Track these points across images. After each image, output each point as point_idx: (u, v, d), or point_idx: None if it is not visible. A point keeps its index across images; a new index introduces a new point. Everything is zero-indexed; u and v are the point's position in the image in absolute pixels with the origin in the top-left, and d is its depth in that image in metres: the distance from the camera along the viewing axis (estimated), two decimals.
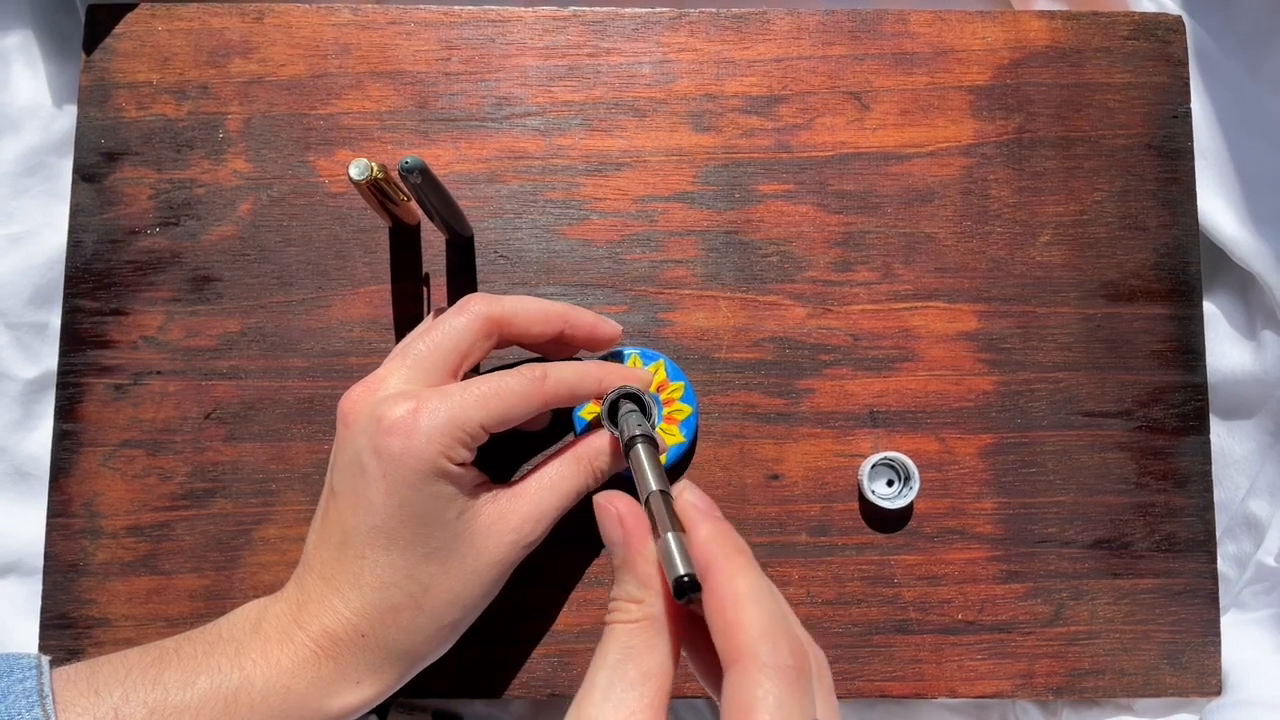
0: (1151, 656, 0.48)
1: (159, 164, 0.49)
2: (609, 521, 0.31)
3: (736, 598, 0.26)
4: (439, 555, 0.36)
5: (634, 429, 0.38)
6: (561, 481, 0.40)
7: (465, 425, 0.35)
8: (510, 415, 0.37)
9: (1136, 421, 0.49)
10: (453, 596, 0.37)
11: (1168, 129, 0.51)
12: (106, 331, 0.48)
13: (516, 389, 0.37)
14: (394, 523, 0.35)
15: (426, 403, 0.35)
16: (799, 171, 0.50)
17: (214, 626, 0.37)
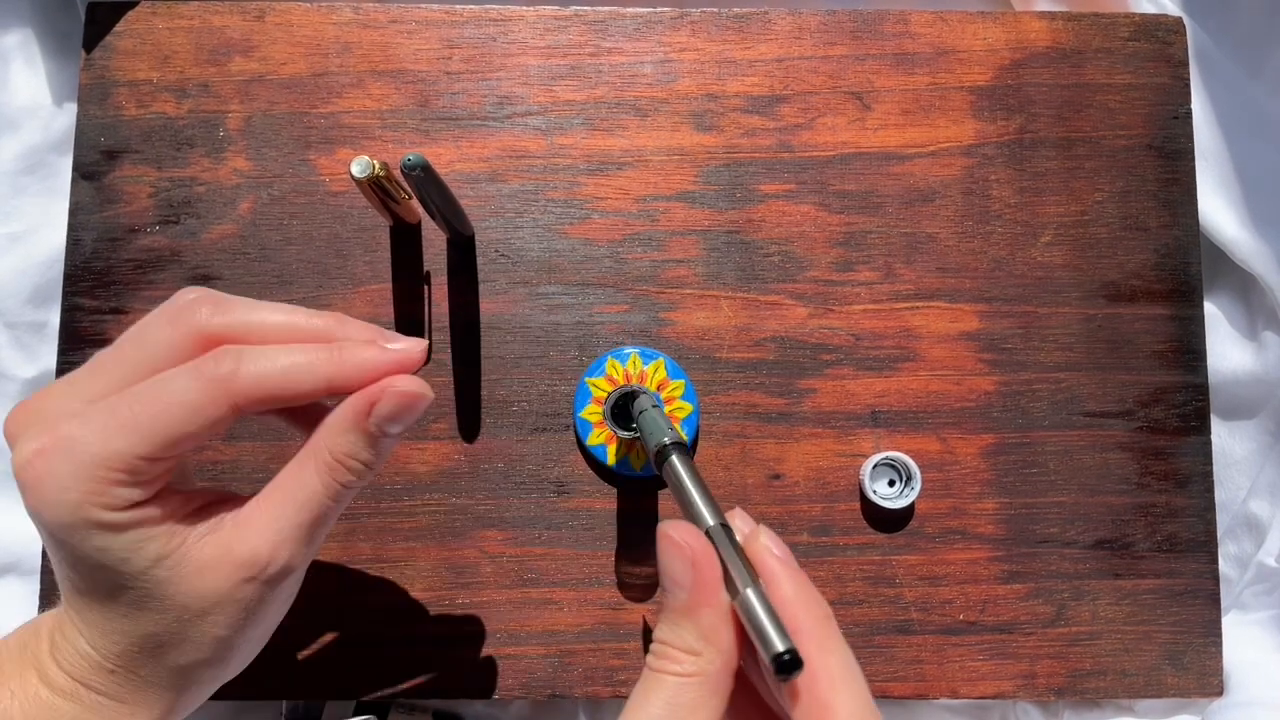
0: (1153, 657, 0.48)
1: (159, 162, 0.49)
2: (679, 562, 0.26)
3: (831, 678, 0.24)
4: (147, 607, 0.29)
5: (664, 433, 0.33)
6: (299, 490, 0.30)
7: (111, 462, 0.27)
8: (179, 435, 0.28)
9: (1138, 422, 0.49)
10: (190, 644, 0.30)
11: (1168, 130, 0.51)
12: (106, 330, 0.48)
13: (183, 398, 0.27)
14: (80, 580, 0.29)
15: (59, 438, 0.27)
16: (800, 171, 0.50)
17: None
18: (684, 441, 0.32)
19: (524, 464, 0.47)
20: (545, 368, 0.48)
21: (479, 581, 0.47)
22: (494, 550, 0.47)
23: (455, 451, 0.47)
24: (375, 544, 0.47)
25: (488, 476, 0.47)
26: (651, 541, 0.46)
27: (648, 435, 0.34)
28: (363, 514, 0.47)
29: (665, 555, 0.27)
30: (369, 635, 0.46)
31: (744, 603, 0.26)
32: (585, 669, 0.46)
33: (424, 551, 0.47)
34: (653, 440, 0.33)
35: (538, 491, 0.47)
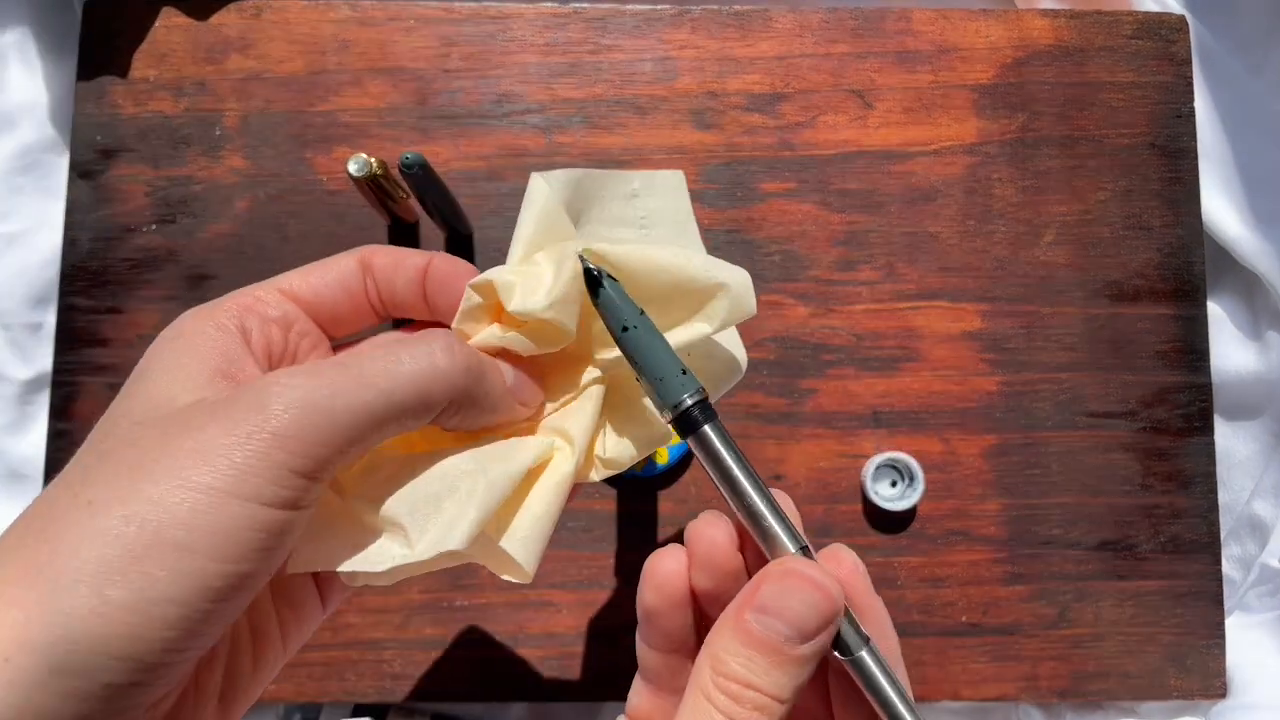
0: (1156, 659, 0.47)
1: (156, 161, 0.49)
2: (812, 607, 0.22)
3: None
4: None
5: (680, 383, 0.24)
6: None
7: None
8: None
9: (1141, 422, 0.49)
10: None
11: (1171, 128, 0.51)
12: (102, 330, 0.48)
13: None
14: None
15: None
16: (801, 170, 0.49)
17: None
18: (707, 399, 0.25)
19: None
20: None
21: (477, 584, 0.46)
22: None
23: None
24: None
25: None
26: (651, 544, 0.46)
27: (655, 381, 0.24)
28: None
29: (793, 595, 0.22)
30: (367, 638, 0.46)
31: (860, 665, 0.23)
32: (585, 672, 0.46)
33: None
34: (668, 394, 0.24)
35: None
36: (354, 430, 0.21)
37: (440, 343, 0.23)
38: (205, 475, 0.19)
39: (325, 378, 0.21)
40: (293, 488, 0.20)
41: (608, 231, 0.28)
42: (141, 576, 0.19)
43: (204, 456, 0.20)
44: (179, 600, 0.19)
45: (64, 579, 0.18)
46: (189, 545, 0.19)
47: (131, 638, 0.19)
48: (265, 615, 0.26)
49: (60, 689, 0.18)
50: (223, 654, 0.24)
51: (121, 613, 0.18)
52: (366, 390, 0.21)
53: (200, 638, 0.20)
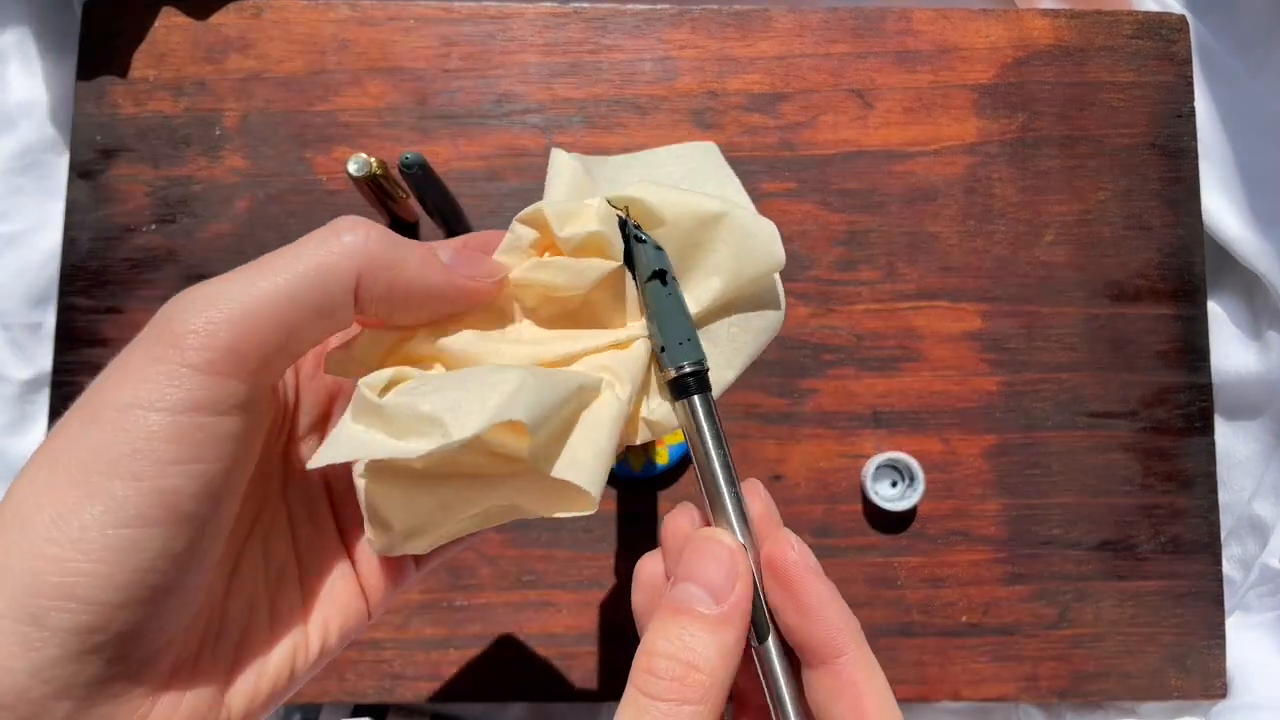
0: (1156, 659, 0.47)
1: (155, 161, 0.49)
2: (724, 569, 0.23)
3: (877, 696, 0.22)
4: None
5: (684, 349, 0.25)
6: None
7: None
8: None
9: (1141, 422, 0.49)
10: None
11: (1171, 128, 0.51)
12: (102, 330, 0.48)
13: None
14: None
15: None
16: (802, 170, 0.49)
17: None
18: (706, 370, 0.25)
19: None
20: None
21: (477, 584, 0.46)
22: (492, 552, 0.47)
23: None
24: None
25: None
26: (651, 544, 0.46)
27: (666, 339, 0.25)
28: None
29: (704, 557, 0.23)
30: (366, 638, 0.46)
31: (762, 656, 0.23)
32: (584, 672, 0.46)
33: None
34: (673, 355, 0.25)
35: None
36: (257, 318, 0.20)
37: (343, 223, 0.22)
38: (122, 393, 0.19)
39: (228, 276, 0.21)
40: (206, 388, 0.20)
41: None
42: (63, 506, 0.19)
43: (123, 374, 0.20)
44: (97, 527, 0.19)
45: (9, 520, 0.19)
46: (98, 467, 0.19)
47: (61, 572, 0.18)
48: (287, 604, 0.26)
49: (12, 634, 0.18)
50: (219, 631, 0.24)
51: (46, 546, 0.18)
52: (264, 278, 0.21)
53: (143, 567, 0.19)
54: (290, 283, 0.21)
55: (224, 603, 0.24)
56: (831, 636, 0.23)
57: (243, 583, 0.25)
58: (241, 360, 0.20)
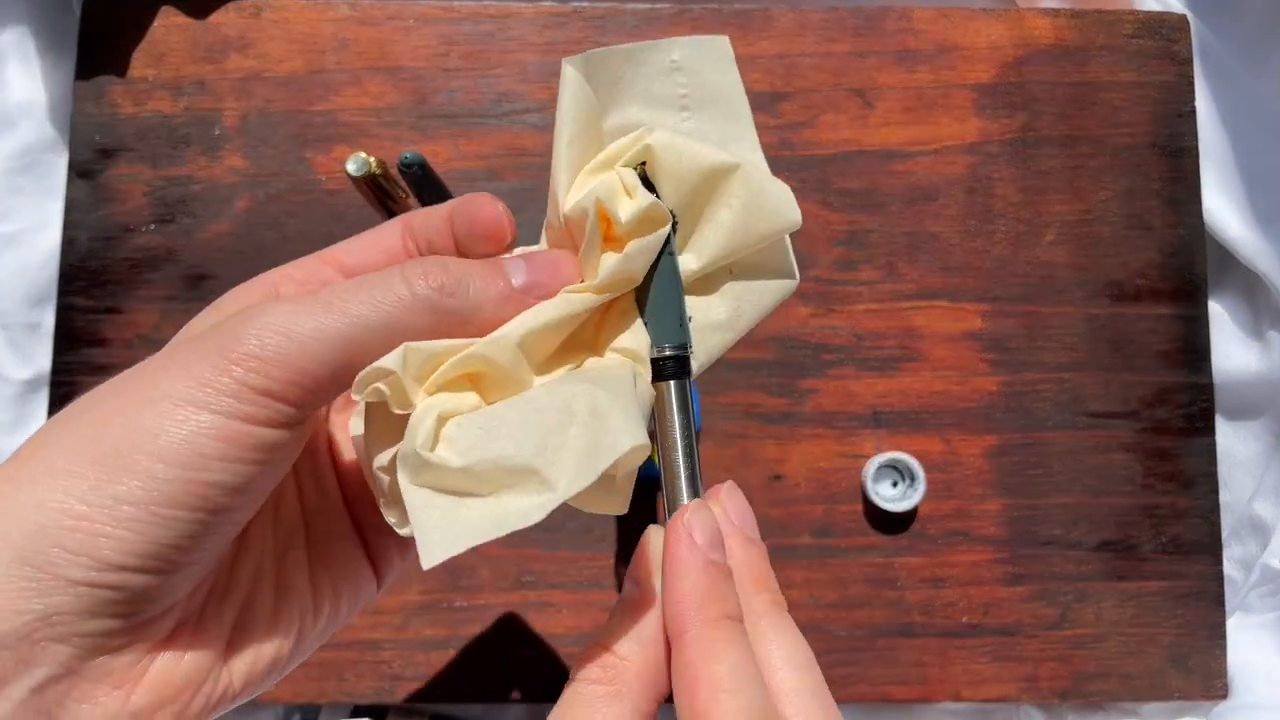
0: (1157, 660, 0.47)
1: (155, 160, 0.49)
2: (644, 545, 0.23)
3: (713, 689, 0.20)
4: None
5: (674, 330, 0.24)
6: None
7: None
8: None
9: (1142, 422, 0.49)
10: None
11: (1172, 128, 0.51)
12: (101, 329, 0.48)
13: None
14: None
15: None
16: (802, 169, 0.49)
17: None
18: (689, 356, 0.24)
19: None
20: None
21: (477, 584, 0.46)
22: (492, 553, 0.46)
23: None
24: None
25: None
26: None
27: (654, 315, 0.25)
28: None
29: (639, 550, 0.24)
30: (366, 639, 0.46)
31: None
32: None
33: None
34: (658, 334, 0.24)
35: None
36: (320, 358, 0.21)
37: (414, 271, 0.23)
38: (171, 385, 0.20)
39: (299, 305, 0.21)
40: (259, 405, 0.21)
41: (645, 114, 0.25)
42: (98, 473, 0.20)
43: (177, 371, 0.21)
44: (132, 500, 0.20)
45: (36, 474, 0.20)
46: (146, 447, 0.20)
47: (89, 532, 0.19)
48: (292, 570, 0.26)
49: (25, 581, 0.19)
50: (224, 594, 0.24)
51: (81, 507, 0.19)
52: (334, 317, 0.21)
53: (167, 543, 0.20)
54: (359, 332, 0.22)
55: (231, 569, 0.24)
56: (673, 614, 0.22)
57: (250, 550, 0.25)
58: (298, 391, 0.21)
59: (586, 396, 0.22)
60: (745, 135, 0.26)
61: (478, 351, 0.22)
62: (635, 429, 0.21)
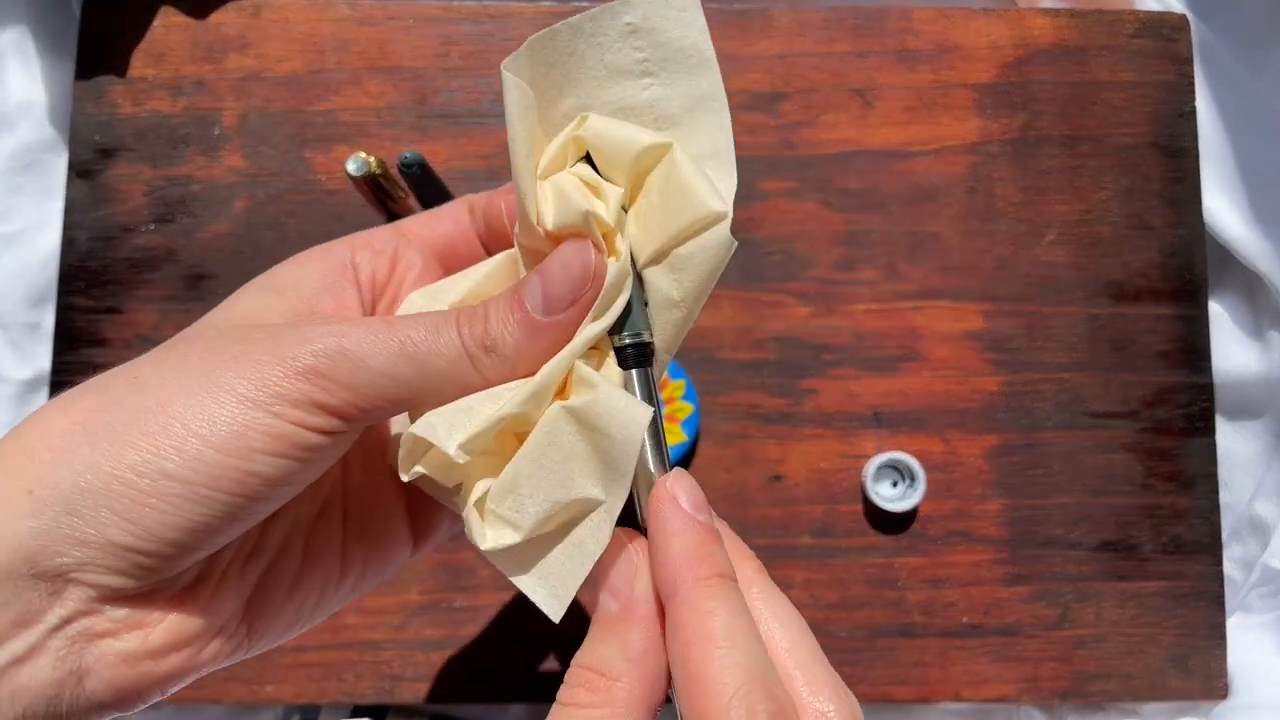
0: (1157, 660, 0.47)
1: (154, 160, 0.48)
2: (621, 563, 0.23)
3: (706, 644, 0.20)
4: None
5: (629, 329, 0.24)
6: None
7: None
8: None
9: (1142, 422, 0.49)
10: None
11: (1173, 128, 0.51)
12: (101, 329, 0.47)
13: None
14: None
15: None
16: (802, 169, 0.49)
17: None
18: (648, 343, 0.24)
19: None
20: None
21: (477, 584, 0.46)
22: None
23: None
24: None
25: None
26: None
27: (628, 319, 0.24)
28: None
29: (611, 560, 0.23)
30: (366, 639, 0.46)
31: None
32: None
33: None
34: (627, 326, 0.24)
35: None
36: (384, 388, 0.22)
37: (457, 321, 0.23)
38: (234, 379, 0.21)
39: (369, 332, 0.22)
40: (314, 414, 0.22)
41: (601, 91, 0.24)
42: (152, 448, 0.21)
43: (241, 365, 0.22)
44: (179, 478, 0.21)
45: (96, 436, 0.21)
46: (200, 431, 0.21)
47: (136, 501, 0.21)
48: (323, 539, 0.27)
49: (69, 530, 0.20)
50: (250, 555, 0.25)
51: (131, 476, 0.21)
52: (404, 361, 0.22)
53: (203, 521, 0.21)
54: (422, 378, 0.23)
55: (261, 534, 0.25)
56: (664, 578, 0.21)
57: (284, 518, 0.26)
58: (354, 411, 0.22)
59: (567, 423, 0.22)
60: (711, 90, 0.24)
61: (512, 413, 0.23)
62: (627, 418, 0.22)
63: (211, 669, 0.25)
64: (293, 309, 0.25)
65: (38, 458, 0.21)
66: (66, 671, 0.21)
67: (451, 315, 0.23)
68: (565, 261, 0.23)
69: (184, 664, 0.23)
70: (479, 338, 0.23)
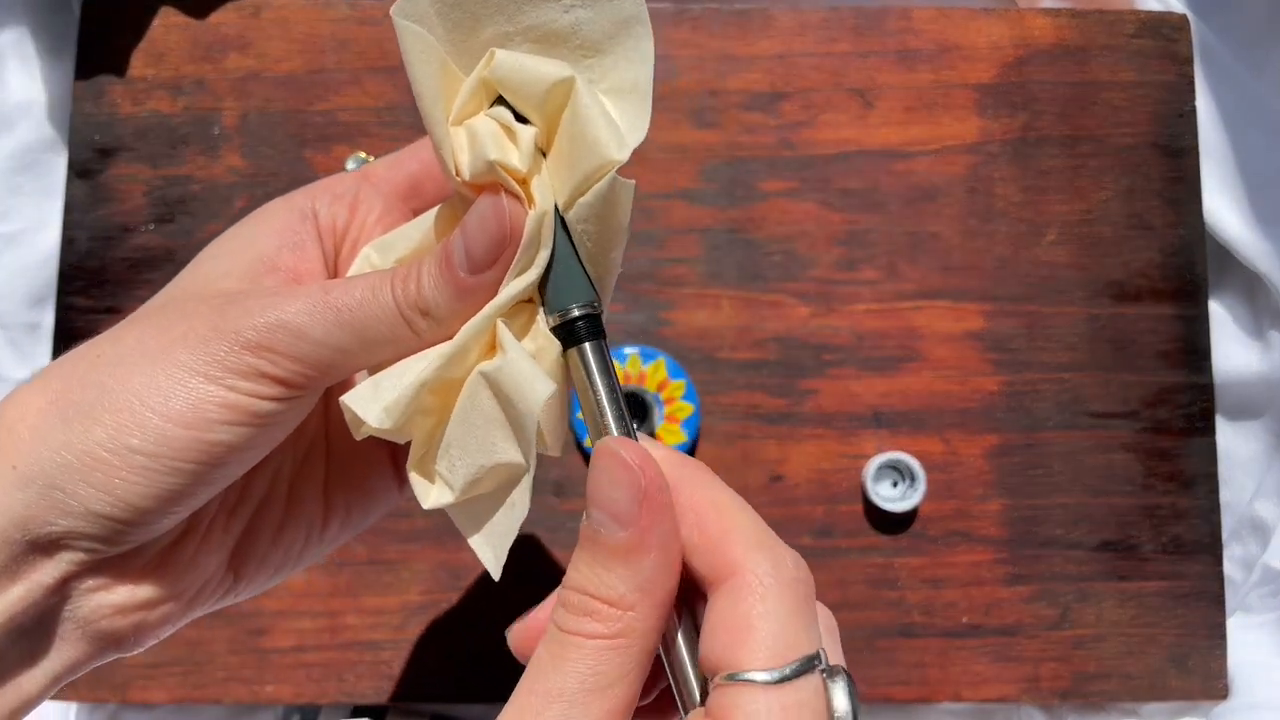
0: (1157, 660, 0.47)
1: (154, 160, 0.48)
2: (624, 488, 0.20)
3: (717, 507, 0.21)
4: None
5: (576, 291, 0.23)
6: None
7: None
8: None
9: (1142, 422, 0.49)
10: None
11: (1173, 128, 0.51)
12: (100, 330, 0.47)
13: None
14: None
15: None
16: (802, 169, 0.49)
17: None
18: (599, 315, 0.23)
19: None
20: None
21: (477, 584, 0.46)
22: None
23: None
24: (371, 546, 0.46)
25: None
26: None
27: (555, 284, 0.23)
28: None
29: (605, 478, 0.21)
30: (365, 639, 0.46)
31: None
32: None
33: (421, 554, 0.46)
34: (557, 299, 0.23)
35: (536, 493, 0.46)
36: (327, 357, 0.23)
37: (392, 285, 0.23)
38: (185, 356, 0.22)
39: (307, 303, 0.23)
40: (265, 385, 0.23)
41: (522, 15, 0.22)
42: (117, 425, 0.22)
43: (189, 342, 0.23)
44: (144, 452, 0.22)
45: (68, 415, 0.22)
46: (158, 408, 0.22)
47: (108, 474, 0.22)
48: (306, 486, 0.27)
49: (54, 502, 0.22)
50: (234, 507, 0.26)
51: (101, 452, 0.22)
52: (342, 331, 0.23)
53: (174, 488, 0.23)
54: (362, 344, 0.23)
55: (245, 482, 0.26)
56: (658, 483, 0.21)
57: (264, 471, 0.26)
58: (302, 379, 0.23)
59: (483, 388, 0.23)
60: (635, 12, 0.22)
61: (429, 379, 0.23)
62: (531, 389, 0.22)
63: (204, 612, 0.26)
64: (251, 269, 0.25)
65: (18, 436, 0.22)
66: (65, 622, 0.23)
67: (387, 277, 0.23)
68: (482, 218, 0.22)
69: (175, 611, 0.25)
70: (413, 301, 0.23)
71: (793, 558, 0.21)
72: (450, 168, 0.22)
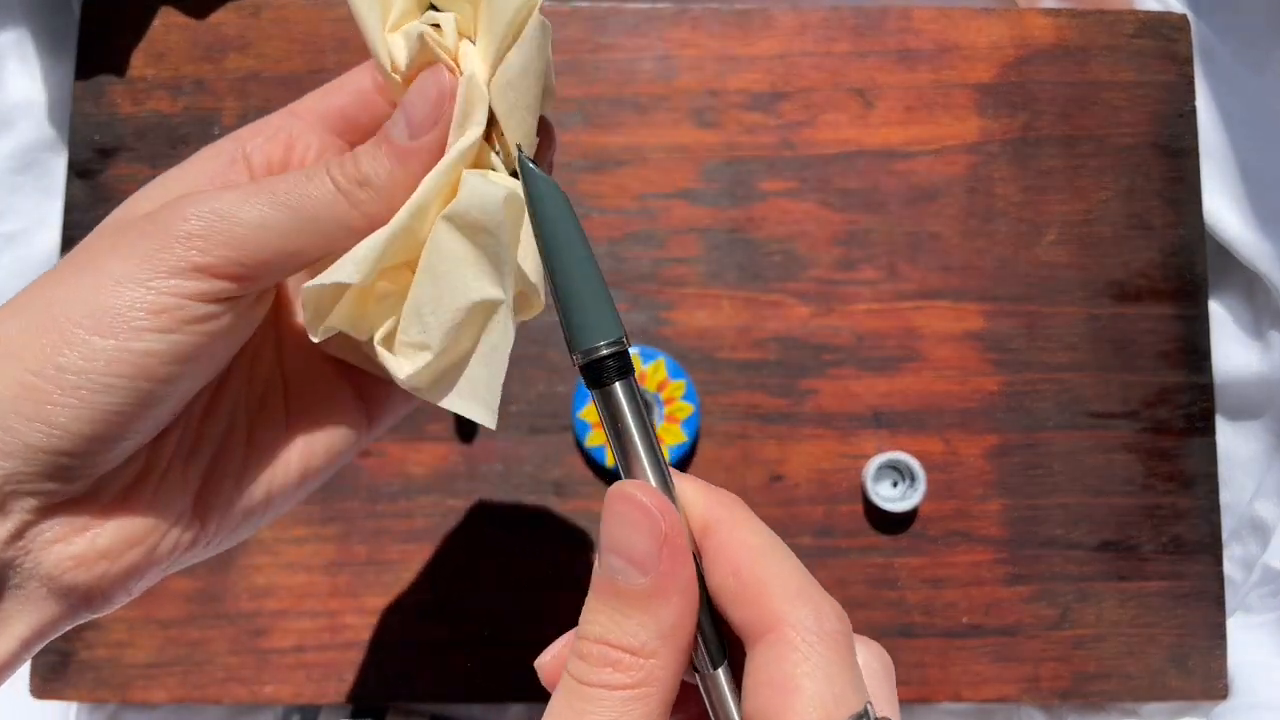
0: (1157, 660, 0.47)
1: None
2: (642, 534, 0.20)
3: (754, 553, 0.21)
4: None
5: (603, 325, 0.21)
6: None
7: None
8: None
9: (1143, 423, 0.49)
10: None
11: (1173, 128, 0.51)
12: None
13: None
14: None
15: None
16: (802, 169, 0.49)
17: None
18: (626, 351, 0.21)
19: (522, 465, 0.47)
20: (543, 368, 0.48)
21: (476, 584, 0.46)
22: (493, 551, 0.46)
23: (452, 453, 0.47)
24: (371, 546, 0.46)
25: (485, 478, 0.47)
26: None
27: (579, 319, 0.21)
28: (358, 516, 0.46)
29: (621, 523, 0.20)
30: (365, 639, 0.46)
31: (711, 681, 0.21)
32: None
33: (421, 554, 0.46)
34: (583, 336, 0.21)
35: (536, 493, 0.47)
36: (265, 240, 0.23)
37: (329, 170, 0.24)
38: (113, 264, 0.22)
39: (240, 192, 0.23)
40: (198, 281, 0.22)
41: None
42: (44, 346, 0.21)
43: (118, 249, 0.22)
44: (74, 369, 0.21)
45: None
46: (83, 321, 0.21)
47: (40, 401, 0.21)
48: (266, 427, 0.27)
49: None
50: (191, 448, 0.25)
51: (30, 378, 0.21)
52: (279, 210, 0.23)
53: (113, 409, 0.22)
54: (299, 224, 0.23)
55: (200, 423, 0.25)
56: (687, 524, 0.20)
57: (220, 408, 0.26)
58: (237, 270, 0.22)
59: (447, 230, 0.23)
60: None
61: (398, 228, 0.23)
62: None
63: (175, 566, 0.25)
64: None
65: None
66: (30, 581, 0.22)
67: (321, 164, 0.24)
68: (422, 88, 0.23)
69: (140, 560, 0.24)
70: (351, 175, 0.23)
71: (833, 608, 0.20)
72: (387, 64, 0.24)
